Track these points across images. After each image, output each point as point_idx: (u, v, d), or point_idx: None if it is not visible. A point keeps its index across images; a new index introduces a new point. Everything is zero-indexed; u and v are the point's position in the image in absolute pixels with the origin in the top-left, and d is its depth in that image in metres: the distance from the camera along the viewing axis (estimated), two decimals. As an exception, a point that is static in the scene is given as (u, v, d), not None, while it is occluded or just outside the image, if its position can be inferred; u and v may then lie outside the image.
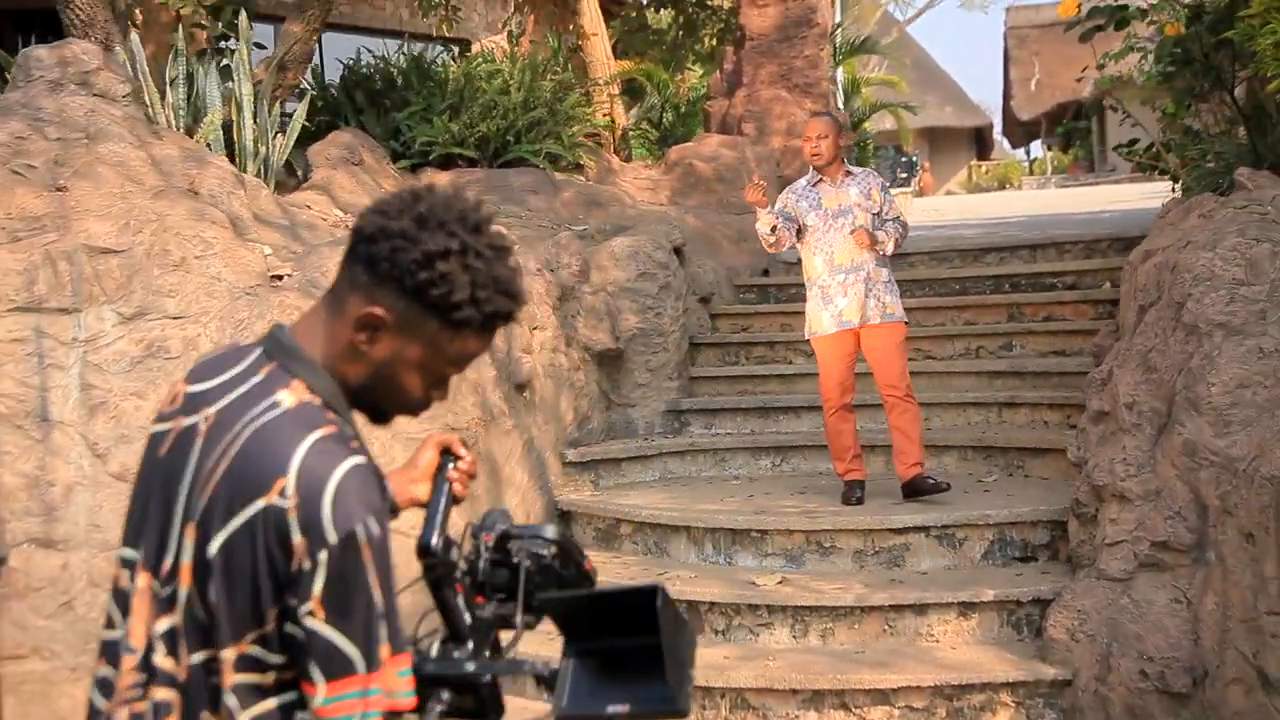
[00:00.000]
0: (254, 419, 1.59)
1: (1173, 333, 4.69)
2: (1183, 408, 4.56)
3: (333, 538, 1.53)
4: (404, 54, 9.21)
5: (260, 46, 8.38)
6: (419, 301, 1.60)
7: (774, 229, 5.77)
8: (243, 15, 7.29)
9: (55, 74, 5.46)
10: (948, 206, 18.31)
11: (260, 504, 1.54)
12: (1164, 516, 4.56)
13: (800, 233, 5.90)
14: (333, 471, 1.54)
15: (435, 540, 1.78)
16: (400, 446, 5.52)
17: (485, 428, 5.92)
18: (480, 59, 9.02)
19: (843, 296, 5.78)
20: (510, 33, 11.74)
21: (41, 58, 5.48)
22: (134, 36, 6.81)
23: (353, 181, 7.56)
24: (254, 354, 1.68)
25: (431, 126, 8.41)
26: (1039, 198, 20.31)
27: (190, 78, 7.09)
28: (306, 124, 8.20)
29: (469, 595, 1.79)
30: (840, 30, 16.45)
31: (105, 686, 1.70)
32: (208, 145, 6.57)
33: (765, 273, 9.02)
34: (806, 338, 6.01)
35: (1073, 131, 28.69)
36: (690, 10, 11.61)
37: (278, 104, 7.59)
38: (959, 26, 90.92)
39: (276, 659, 1.58)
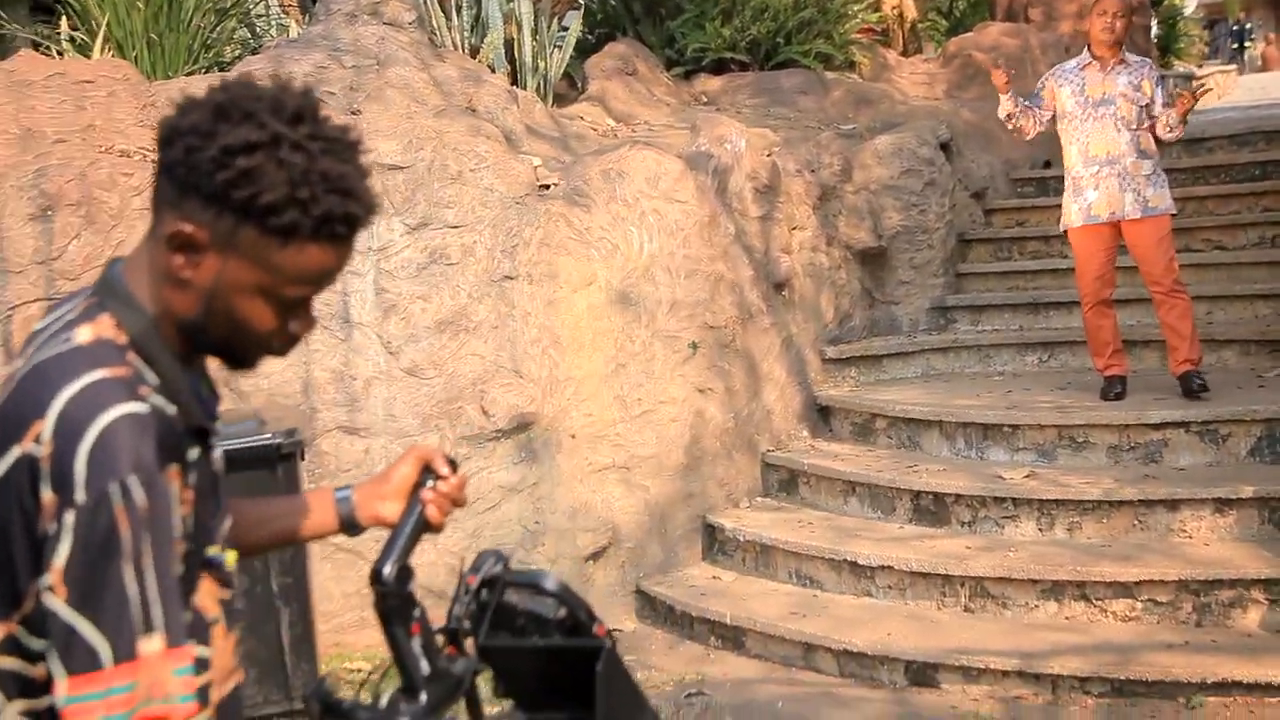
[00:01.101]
0: (36, 357, 1.37)
1: None
2: None
3: (81, 496, 1.27)
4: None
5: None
6: (228, 209, 1.34)
7: (1010, 116, 5.76)
8: (523, -64, 7.69)
9: (350, 6, 6.03)
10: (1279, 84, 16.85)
11: (16, 452, 1.31)
12: None
13: (1055, 119, 5.80)
14: (96, 417, 1.29)
15: (389, 568, 1.52)
16: (660, 344, 5.87)
17: (743, 326, 6.17)
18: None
19: (1093, 189, 5.65)
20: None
21: (337, -8, 6.06)
22: (424, -34, 7.35)
23: (626, 91, 7.89)
24: (88, 290, 1.46)
25: (704, 33, 8.61)
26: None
27: (477, 0, 7.58)
28: (588, 36, 8.58)
29: (431, 640, 1.55)
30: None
31: None
32: (489, 64, 7.05)
33: (1046, 165, 8.74)
34: (1061, 229, 5.91)
35: None
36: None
37: (556, 19, 7.99)
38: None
39: (40, 644, 1.32)
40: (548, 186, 5.87)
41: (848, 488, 5.80)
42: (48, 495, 1.28)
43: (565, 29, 8.09)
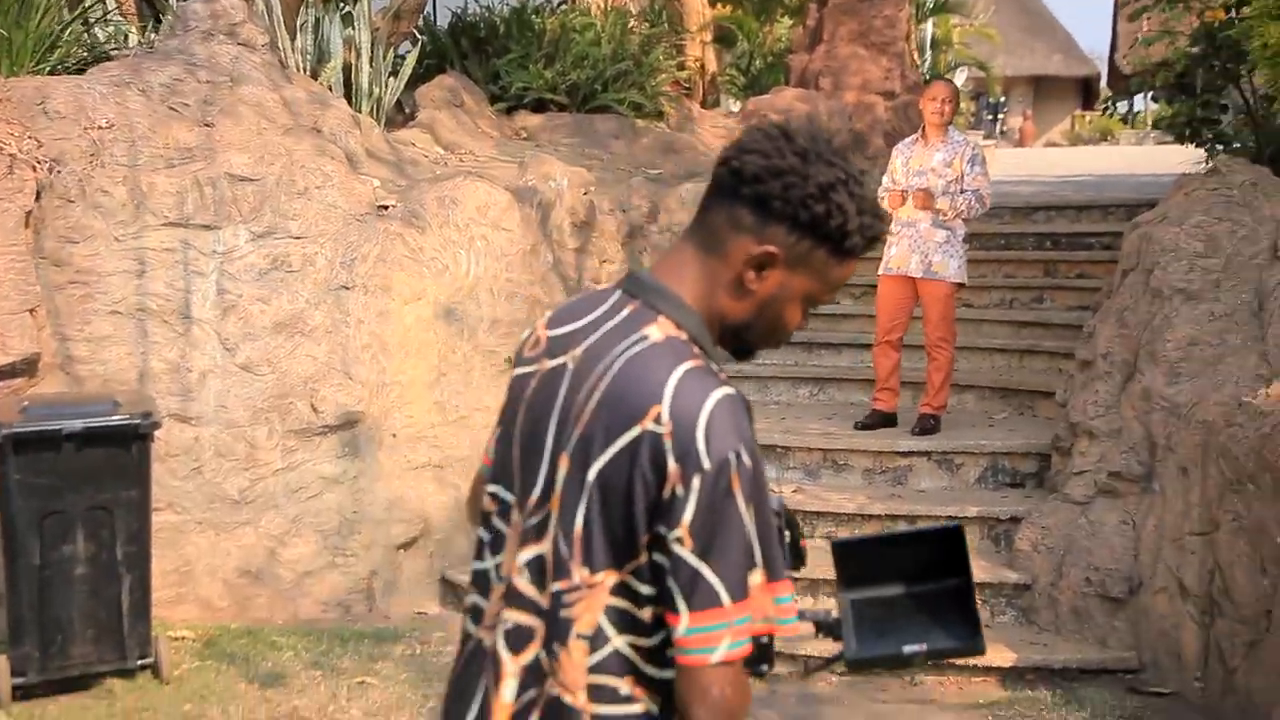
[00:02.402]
0: (624, 351, 1.63)
1: (1143, 295, 5.41)
2: (1144, 359, 5.29)
3: (707, 464, 1.54)
4: (507, 4, 10.07)
5: (378, -4, 9.28)
6: (811, 234, 1.64)
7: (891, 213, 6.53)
8: (364, -33, 8.17)
9: (207, 25, 6.41)
10: (1033, 160, 18.68)
11: (636, 430, 1.57)
12: (1121, 451, 5.31)
13: None
14: (705, 399, 1.56)
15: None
16: (480, 357, 6.45)
17: (554, 345, 6.82)
18: (576, 12, 9.83)
19: (895, 246, 6.52)
20: (610, -20, 12.47)
21: (197, 10, 6.43)
22: (271, -12, 7.75)
23: (454, 122, 8.47)
24: (614, 295, 1.72)
25: (528, 73, 9.27)
26: (1126, 154, 20.52)
27: (317, 24, 8.02)
28: (415, 66, 9.11)
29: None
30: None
31: (476, 613, 1.79)
32: (329, 87, 7.51)
33: (827, 220, 9.73)
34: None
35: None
36: (780, -35, 12.23)
37: (391, 49, 8.49)
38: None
39: (648, 590, 1.60)
40: (386, 207, 6.39)
41: (640, 495, 6.49)
42: (673, 465, 1.55)
43: (400, 58, 8.60)
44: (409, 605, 6.16)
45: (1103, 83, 37.11)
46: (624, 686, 1.62)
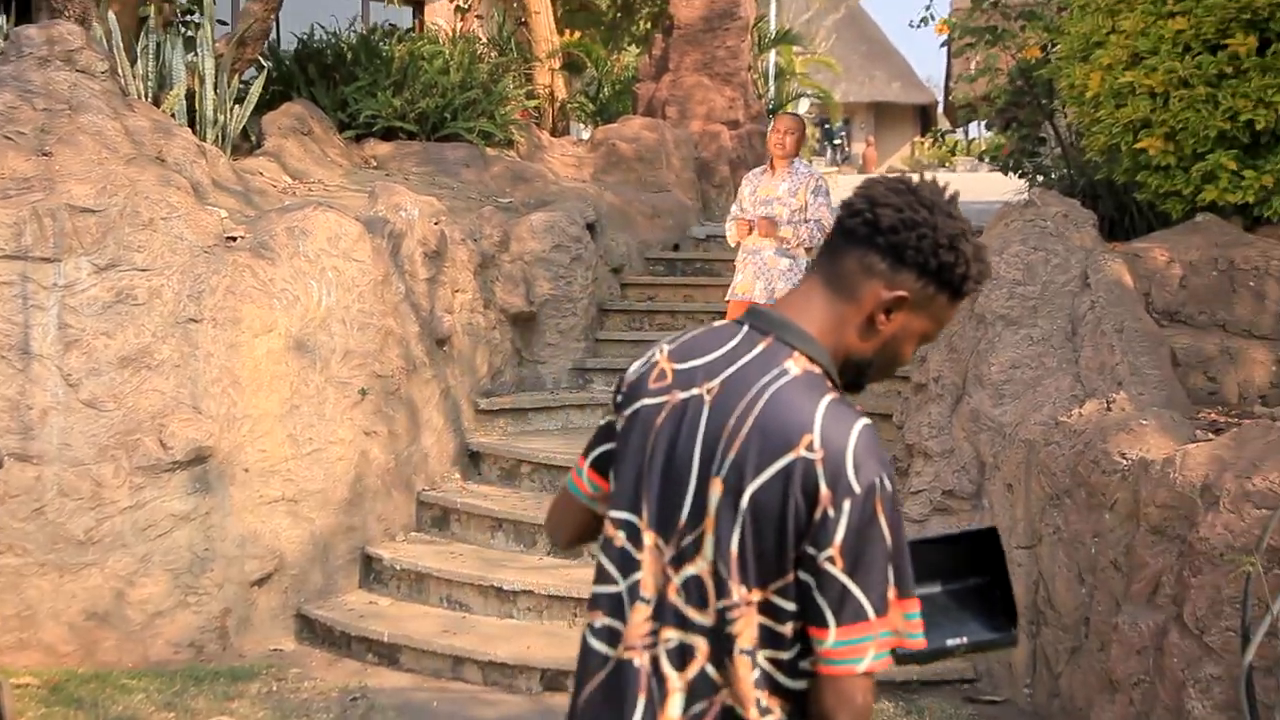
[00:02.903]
0: (769, 384, 1.75)
1: (969, 321, 5.72)
2: (972, 382, 5.60)
3: (857, 488, 1.67)
4: (354, 31, 10.05)
5: (222, 23, 9.17)
6: (936, 279, 1.78)
7: (739, 241, 6.82)
8: (207, -7, 8.10)
9: (44, 51, 6.27)
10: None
11: (790, 456, 1.70)
12: (953, 470, 5.61)
13: None
14: (851, 429, 1.70)
15: None
16: (333, 389, 6.45)
17: (407, 376, 6.85)
18: (424, 40, 9.87)
19: (741, 272, 6.80)
20: (458, 7, 12.53)
21: (32, 36, 6.28)
22: (110, 14, 7.61)
23: (302, 150, 8.42)
24: (742, 331, 1.84)
25: (376, 101, 9.27)
26: (962, 181, 21.33)
27: (158, 49, 7.90)
28: (261, 94, 9.03)
29: None
30: (774, 18, 17.35)
31: (608, 635, 1.86)
32: (172, 114, 7.41)
33: (675, 248, 9.97)
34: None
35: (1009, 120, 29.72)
36: (627, -5, 12.47)
37: (236, 76, 8.41)
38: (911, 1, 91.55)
39: (791, 607, 1.71)
40: (234, 238, 6.34)
41: (495, 524, 6.58)
42: (825, 490, 1.69)
43: (245, 84, 8.51)
44: (264, 642, 6.11)
45: (940, 110, 38.51)
46: (763, 698, 1.74)
